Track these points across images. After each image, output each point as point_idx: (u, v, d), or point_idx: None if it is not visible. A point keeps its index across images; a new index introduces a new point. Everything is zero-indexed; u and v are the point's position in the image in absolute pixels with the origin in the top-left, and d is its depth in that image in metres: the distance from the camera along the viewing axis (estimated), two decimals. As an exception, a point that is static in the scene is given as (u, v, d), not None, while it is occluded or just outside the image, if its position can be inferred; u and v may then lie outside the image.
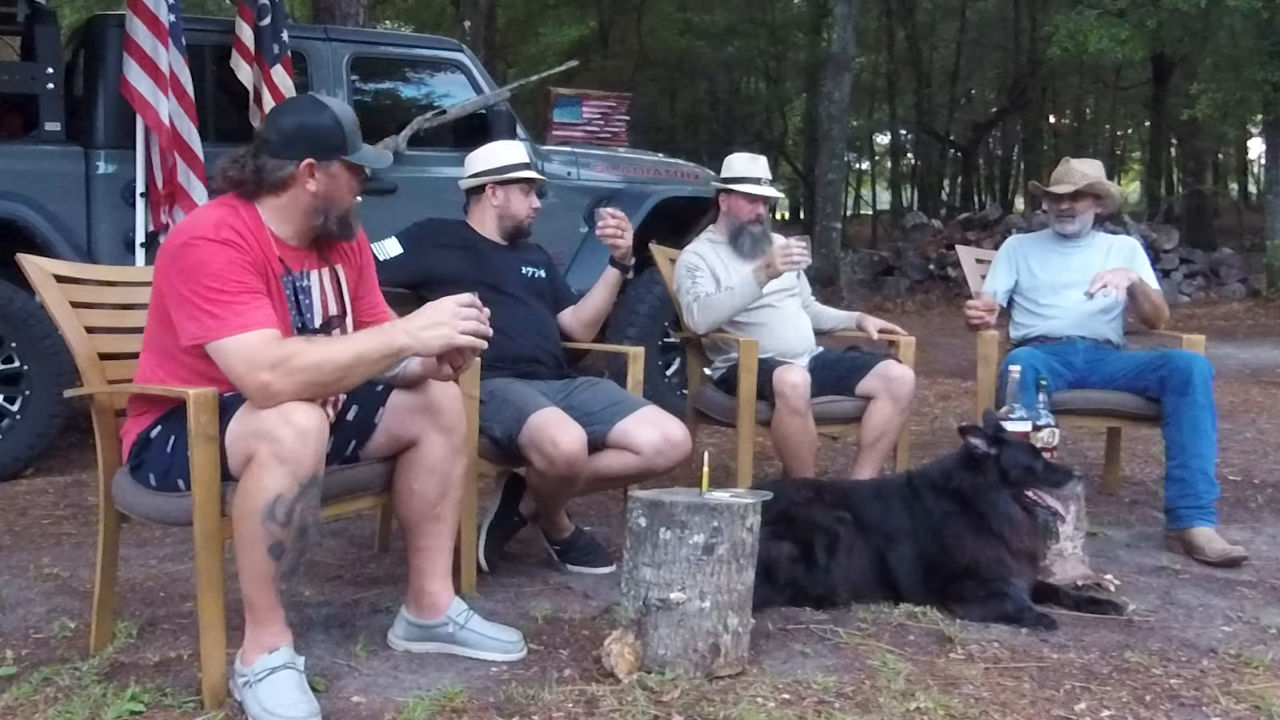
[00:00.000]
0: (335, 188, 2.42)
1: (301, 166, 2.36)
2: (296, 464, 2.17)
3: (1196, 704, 2.37)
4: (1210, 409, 3.56)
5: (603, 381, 3.40)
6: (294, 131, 2.38)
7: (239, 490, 2.21)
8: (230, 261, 2.25)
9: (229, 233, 2.29)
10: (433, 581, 2.59)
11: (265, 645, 2.27)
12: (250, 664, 2.27)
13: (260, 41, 5.04)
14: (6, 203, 4.70)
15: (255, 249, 2.33)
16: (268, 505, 2.17)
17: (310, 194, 2.39)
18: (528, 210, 3.51)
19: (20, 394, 4.63)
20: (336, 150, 2.40)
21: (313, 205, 2.40)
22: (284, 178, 2.37)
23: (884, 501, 3.06)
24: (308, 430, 2.18)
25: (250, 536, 2.20)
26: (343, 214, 2.45)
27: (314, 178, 2.38)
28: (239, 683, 2.29)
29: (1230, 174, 29.89)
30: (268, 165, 2.37)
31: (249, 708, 2.23)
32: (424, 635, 2.61)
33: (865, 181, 34.92)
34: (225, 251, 2.26)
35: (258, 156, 2.38)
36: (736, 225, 3.94)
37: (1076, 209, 4.04)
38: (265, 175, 2.36)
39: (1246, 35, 13.62)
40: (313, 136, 2.38)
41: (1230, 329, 10.61)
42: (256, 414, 2.20)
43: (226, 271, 2.24)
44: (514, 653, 2.57)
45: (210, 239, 2.26)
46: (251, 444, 2.18)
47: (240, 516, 2.21)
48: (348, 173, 2.43)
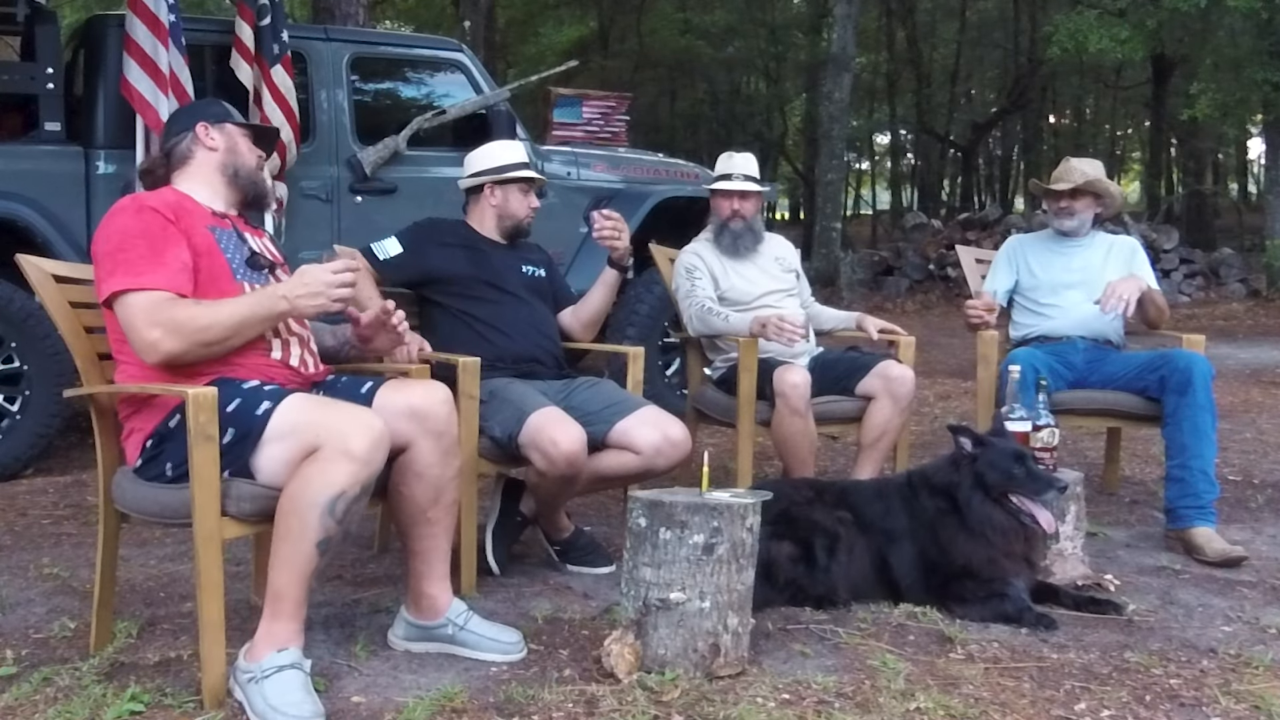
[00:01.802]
0: (234, 146, 2.66)
1: (197, 128, 2.63)
2: (365, 464, 2.23)
3: (1196, 704, 2.37)
4: (1210, 409, 3.56)
5: (603, 381, 3.40)
6: (184, 114, 2.76)
7: (298, 477, 2.22)
8: (147, 225, 2.41)
9: (152, 201, 2.48)
10: (430, 584, 2.59)
11: (278, 642, 2.26)
12: (258, 660, 2.25)
13: (260, 41, 5.04)
14: (6, 203, 4.70)
15: (181, 211, 2.48)
16: (330, 499, 2.20)
17: (212, 150, 2.64)
18: (527, 210, 3.51)
19: (20, 394, 4.63)
20: (220, 116, 2.69)
21: (220, 161, 2.64)
22: (187, 145, 2.64)
23: (884, 501, 3.06)
24: (380, 437, 2.26)
25: (303, 527, 2.21)
26: (250, 174, 2.67)
27: (211, 137, 2.64)
28: (242, 678, 2.27)
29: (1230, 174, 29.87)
30: (170, 144, 2.65)
31: (253, 703, 2.21)
32: (424, 636, 2.61)
33: (865, 181, 34.91)
34: (142, 217, 2.42)
35: (163, 146, 2.69)
36: (719, 224, 3.94)
37: (1075, 207, 4.04)
38: (172, 152, 2.64)
39: (1246, 35, 13.63)
40: (199, 110, 2.76)
41: (1230, 329, 10.61)
42: (325, 409, 2.28)
43: (139, 234, 2.39)
44: (514, 653, 2.57)
45: (128, 208, 2.46)
46: (320, 435, 2.22)
47: (295, 506, 2.21)
48: (243, 137, 2.69)
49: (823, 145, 14.57)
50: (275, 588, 2.27)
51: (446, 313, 3.37)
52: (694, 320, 3.78)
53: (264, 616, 2.29)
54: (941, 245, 13.69)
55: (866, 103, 25.92)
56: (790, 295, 4.00)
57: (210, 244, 2.49)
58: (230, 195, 2.64)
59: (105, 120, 4.96)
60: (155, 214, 2.43)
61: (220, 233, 2.55)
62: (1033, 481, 2.88)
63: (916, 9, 22.82)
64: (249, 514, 2.32)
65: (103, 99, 4.96)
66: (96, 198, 4.88)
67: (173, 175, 2.63)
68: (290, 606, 2.27)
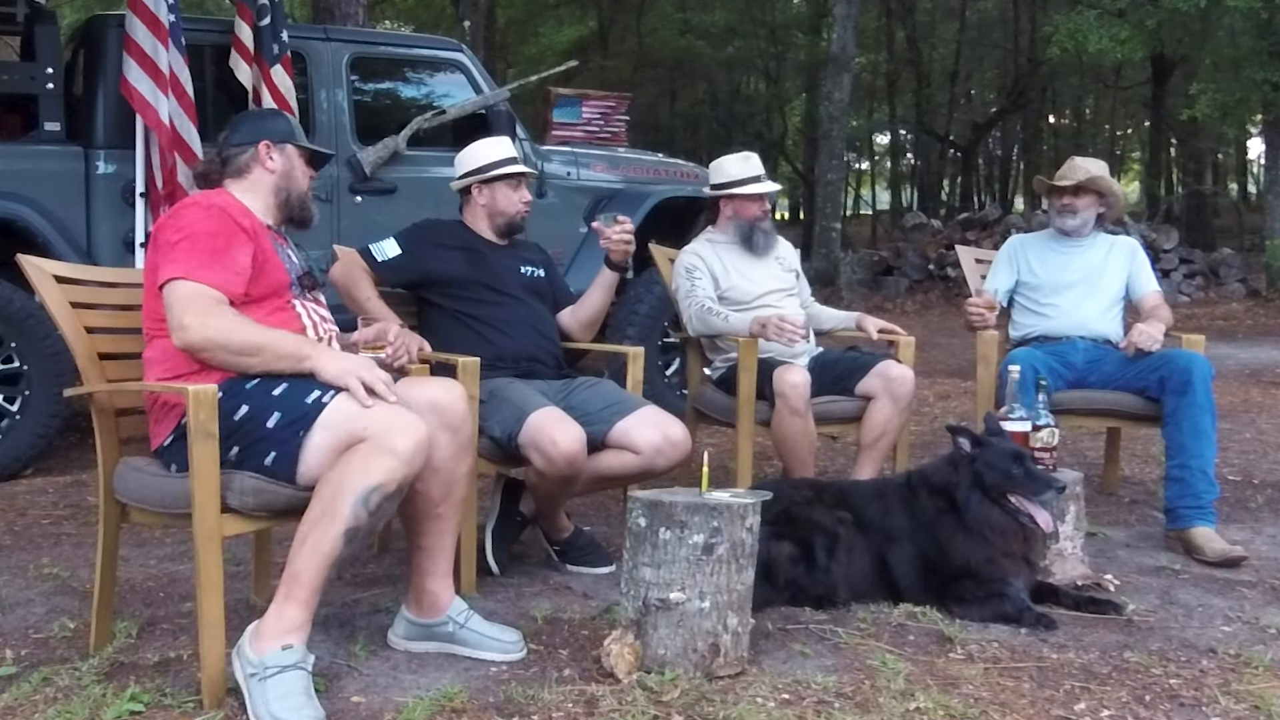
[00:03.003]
0: (291, 170, 2.72)
1: (260, 146, 2.68)
2: (406, 464, 2.27)
3: (1196, 704, 2.37)
4: (1210, 409, 3.56)
5: (602, 381, 3.40)
6: (249, 122, 2.79)
7: (339, 465, 2.25)
8: (216, 225, 2.48)
9: (223, 202, 2.56)
10: (433, 581, 2.60)
11: (285, 633, 2.24)
12: (263, 654, 2.22)
13: (260, 41, 5.04)
14: (6, 203, 4.70)
15: (241, 216, 2.55)
16: (367, 489, 2.23)
17: (271, 172, 2.69)
18: (518, 205, 3.48)
19: (20, 394, 4.63)
20: (287, 136, 2.74)
21: (275, 183, 2.70)
22: (247, 160, 2.69)
23: (883, 501, 3.06)
24: (424, 439, 2.31)
25: (334, 512, 2.23)
26: (300, 197, 2.74)
27: (272, 157, 2.69)
28: (245, 670, 2.24)
29: (1230, 174, 29.86)
30: (230, 152, 2.70)
31: (254, 703, 2.19)
32: (424, 634, 2.61)
33: (865, 181, 34.90)
34: (212, 215, 2.49)
35: (221, 151, 2.73)
36: (746, 226, 3.94)
37: (1078, 205, 4.04)
38: (230, 160, 2.69)
39: (1246, 35, 13.63)
40: (266, 126, 2.76)
41: (1230, 329, 10.61)
42: (380, 407, 2.32)
43: (206, 232, 2.45)
44: (514, 653, 2.57)
45: (200, 204, 2.53)
46: (369, 429, 2.26)
47: (332, 491, 2.24)
48: (300, 160, 2.74)
49: (823, 145, 14.57)
50: (294, 569, 2.27)
51: (445, 314, 3.37)
52: (694, 320, 3.78)
53: (276, 598, 2.29)
54: (941, 245, 13.69)
55: (866, 103, 25.92)
56: (790, 295, 4.00)
57: (273, 253, 2.59)
58: (278, 215, 2.72)
59: (105, 120, 4.96)
60: (225, 215, 2.51)
61: (277, 245, 2.64)
62: (1031, 482, 2.87)
63: (916, 9, 22.81)
64: (252, 508, 2.32)
65: (103, 99, 4.96)
66: (96, 198, 4.89)
67: (226, 181, 2.69)
68: (305, 592, 2.26)
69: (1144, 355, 3.72)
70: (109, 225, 4.91)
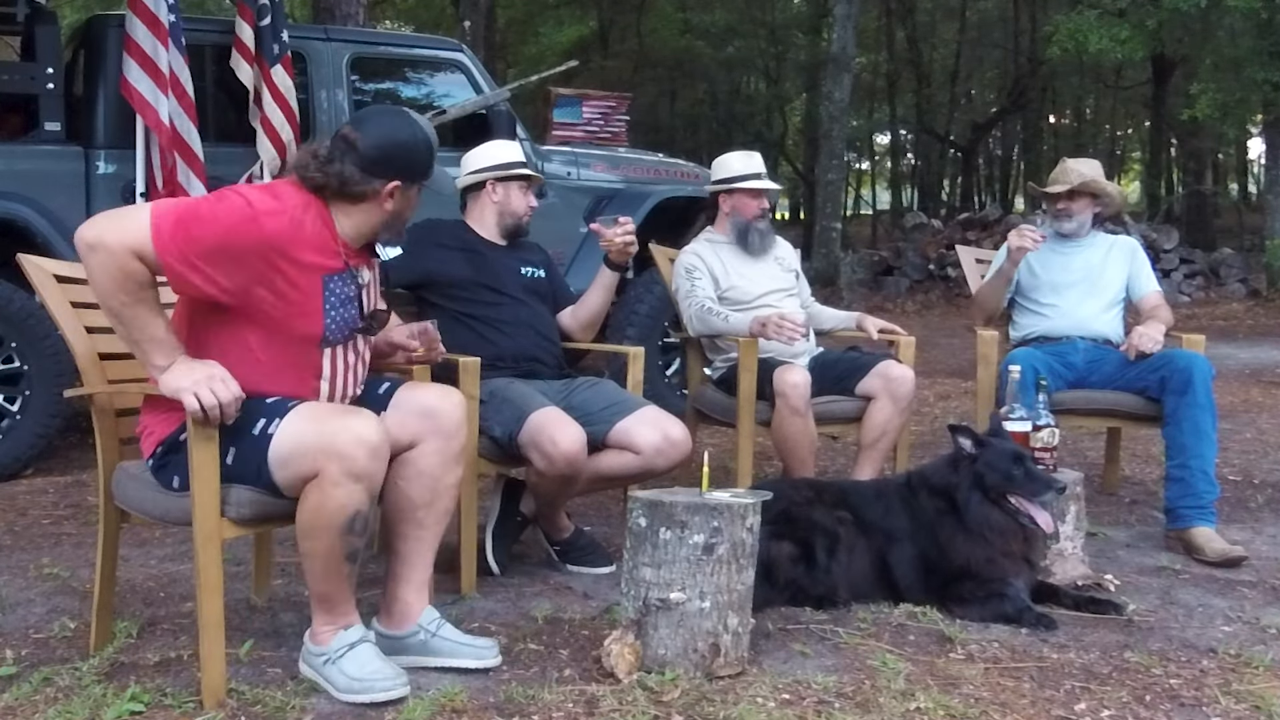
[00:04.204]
0: (407, 206, 2.47)
1: (387, 188, 2.38)
2: (370, 480, 2.25)
3: (1196, 704, 2.37)
4: (1210, 409, 3.56)
5: (603, 381, 3.40)
6: (390, 151, 2.38)
7: (310, 507, 2.24)
8: (239, 236, 2.21)
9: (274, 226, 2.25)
10: (407, 589, 2.52)
11: (340, 624, 2.37)
12: (327, 643, 2.35)
13: (260, 41, 5.04)
14: (6, 203, 4.70)
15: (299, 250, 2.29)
16: (346, 522, 2.25)
17: (385, 211, 2.42)
18: (526, 207, 3.51)
19: (20, 394, 4.63)
20: (422, 176, 2.45)
21: (384, 221, 2.44)
22: (364, 192, 2.37)
23: (883, 501, 3.06)
24: (378, 446, 2.25)
25: (330, 549, 2.27)
26: (398, 231, 2.51)
27: (393, 198, 2.41)
28: (316, 662, 2.36)
29: (1230, 174, 29.85)
30: (354, 178, 2.35)
31: (335, 682, 2.32)
32: (394, 648, 2.49)
33: (865, 181, 34.90)
34: (250, 233, 2.23)
35: (343, 163, 2.35)
36: (743, 223, 3.94)
37: (1074, 208, 4.04)
38: (348, 187, 2.36)
39: (1246, 35, 13.62)
40: (407, 161, 2.41)
41: (1230, 329, 10.61)
42: (321, 427, 2.23)
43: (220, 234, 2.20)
44: (488, 659, 2.50)
45: (245, 212, 2.24)
46: (319, 461, 2.21)
47: (315, 532, 2.25)
48: (418, 193, 2.49)
49: (823, 145, 14.56)
50: (320, 592, 2.36)
51: (446, 314, 3.37)
52: (694, 320, 3.78)
53: (318, 612, 2.38)
54: (941, 245, 13.69)
55: (866, 103, 25.91)
56: (790, 295, 4.00)
57: (312, 297, 2.34)
58: (370, 240, 2.48)
59: (105, 120, 4.96)
60: (259, 235, 2.24)
61: (336, 283, 2.39)
62: (1032, 482, 2.88)
63: (916, 9, 22.80)
64: (248, 518, 2.33)
65: (103, 99, 4.96)
66: (96, 198, 4.88)
67: (331, 199, 2.37)
68: (339, 602, 2.38)
69: (1145, 357, 3.72)
70: (109, 225, 4.90)
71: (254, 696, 2.32)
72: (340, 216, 2.39)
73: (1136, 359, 3.74)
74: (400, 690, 2.32)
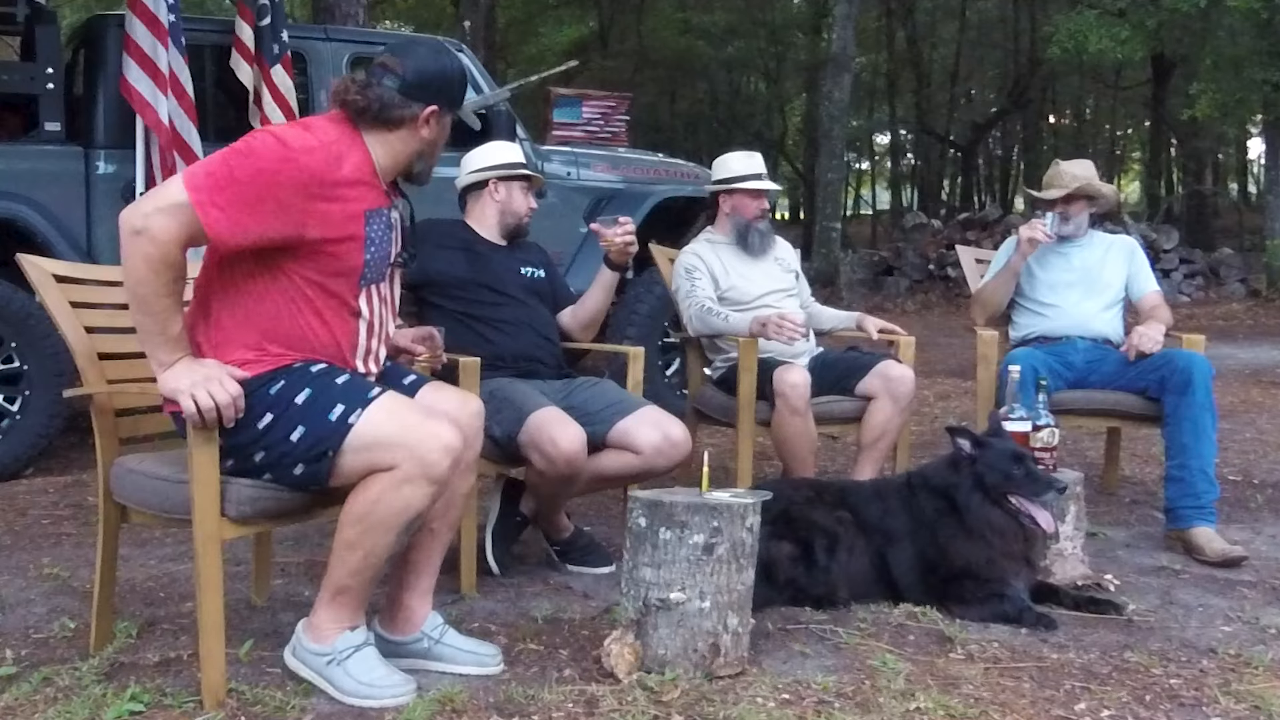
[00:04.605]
0: (441, 137, 2.46)
1: (425, 112, 2.37)
2: (442, 487, 2.26)
3: (1196, 704, 2.37)
4: (1210, 409, 3.56)
5: (603, 381, 3.40)
6: (431, 76, 2.38)
7: (371, 498, 2.21)
8: (278, 182, 2.19)
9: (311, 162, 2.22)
10: (412, 596, 2.50)
11: (347, 623, 2.33)
12: (330, 641, 2.32)
13: (260, 41, 5.05)
14: (6, 203, 4.71)
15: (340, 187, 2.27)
16: (408, 521, 2.24)
17: (421, 139, 2.40)
18: (527, 209, 3.51)
19: (20, 394, 4.63)
20: (456, 104, 2.45)
21: (419, 150, 2.42)
22: (403, 116, 2.35)
23: (883, 501, 3.06)
24: (460, 456, 2.28)
25: (376, 543, 2.25)
26: (428, 172, 2.49)
27: (429, 125, 2.39)
28: (316, 662, 2.33)
29: (1230, 174, 29.86)
30: (394, 101, 2.33)
31: (340, 684, 2.29)
32: (396, 652, 2.47)
33: (865, 181, 34.91)
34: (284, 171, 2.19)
35: (382, 87, 2.34)
36: (743, 223, 3.94)
37: (1070, 211, 4.04)
38: (386, 110, 2.34)
39: (1246, 35, 13.63)
40: (444, 85, 2.41)
41: (1230, 329, 10.61)
42: (409, 423, 2.23)
43: (263, 182, 2.18)
44: (490, 666, 2.48)
45: (278, 153, 2.21)
46: (399, 456, 2.19)
47: (369, 523, 2.23)
48: (445, 134, 2.48)
49: (823, 145, 14.57)
50: (341, 584, 2.31)
51: (446, 314, 3.37)
52: (694, 320, 3.78)
53: (325, 603, 2.33)
54: (941, 245, 13.69)
55: (866, 103, 25.93)
56: (790, 296, 4.00)
57: (356, 236, 2.32)
58: (402, 173, 2.46)
59: (105, 120, 4.96)
60: (299, 175, 2.21)
61: (375, 219, 2.36)
62: (1032, 482, 2.87)
63: (916, 9, 22.81)
64: (249, 515, 2.32)
65: (103, 99, 4.96)
66: (96, 198, 4.89)
67: (366, 125, 2.34)
68: (354, 599, 2.34)
69: (1145, 356, 3.72)
70: (109, 225, 4.89)
71: (254, 696, 2.32)
72: (376, 145, 2.36)
73: (1136, 359, 3.74)
74: (408, 696, 2.31)
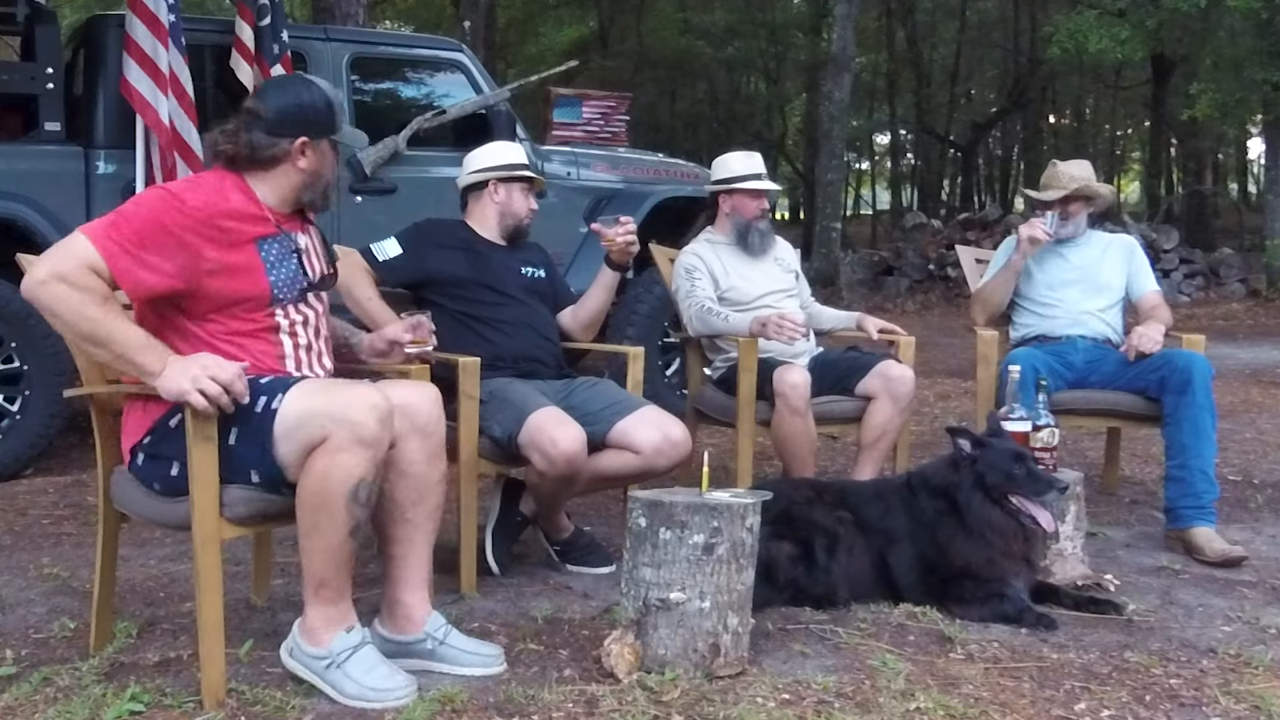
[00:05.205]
0: (323, 164, 2.53)
1: (295, 145, 2.46)
2: (378, 447, 2.24)
3: (1196, 704, 2.37)
4: (1210, 409, 3.56)
5: (603, 381, 3.40)
6: (291, 110, 2.47)
7: (314, 473, 2.22)
8: (164, 222, 2.27)
9: (193, 202, 2.32)
10: (406, 591, 2.48)
11: (340, 624, 2.32)
12: (327, 644, 2.31)
13: (260, 41, 5.05)
14: (6, 203, 4.70)
15: (227, 220, 2.36)
16: (353, 489, 2.22)
17: (300, 170, 2.49)
18: (528, 209, 3.51)
19: (20, 394, 4.63)
20: (327, 130, 2.52)
21: (303, 181, 2.50)
22: (275, 154, 2.45)
23: (883, 501, 3.06)
24: (387, 413, 2.25)
25: (331, 520, 2.23)
26: (325, 191, 2.56)
27: (305, 155, 2.48)
28: (315, 665, 2.32)
29: (1230, 174, 29.87)
30: (261, 142, 2.44)
31: (341, 688, 2.29)
32: (400, 652, 2.47)
33: (865, 181, 34.92)
34: (170, 207, 2.29)
35: (250, 131, 2.44)
36: (743, 223, 3.94)
37: (1069, 211, 4.05)
38: (258, 152, 2.44)
39: (1246, 35, 13.63)
40: (308, 117, 2.49)
41: (1230, 329, 10.61)
42: (329, 396, 2.26)
43: (149, 219, 2.27)
44: (494, 667, 2.47)
45: (164, 198, 2.32)
46: (325, 426, 2.20)
47: (318, 501, 2.22)
48: (332, 150, 2.56)
49: (823, 145, 14.57)
50: (318, 576, 2.30)
51: (446, 314, 3.37)
52: (694, 320, 3.78)
53: (311, 602, 2.33)
54: (941, 245, 13.69)
55: (866, 103, 25.92)
56: (790, 296, 4.00)
57: (251, 262, 2.40)
58: (296, 205, 2.54)
59: (105, 120, 4.96)
60: (182, 213, 2.30)
61: (269, 245, 2.44)
62: (1033, 482, 2.87)
63: (916, 9, 22.82)
64: (243, 517, 2.32)
65: (103, 99, 4.96)
66: (96, 198, 4.88)
67: (248, 170, 2.45)
68: (335, 591, 2.32)
69: (1145, 356, 3.72)
70: (109, 225, 4.90)
71: (254, 696, 2.32)
72: (258, 185, 2.46)
73: (1136, 359, 3.74)
74: (410, 697, 2.31)
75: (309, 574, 2.32)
